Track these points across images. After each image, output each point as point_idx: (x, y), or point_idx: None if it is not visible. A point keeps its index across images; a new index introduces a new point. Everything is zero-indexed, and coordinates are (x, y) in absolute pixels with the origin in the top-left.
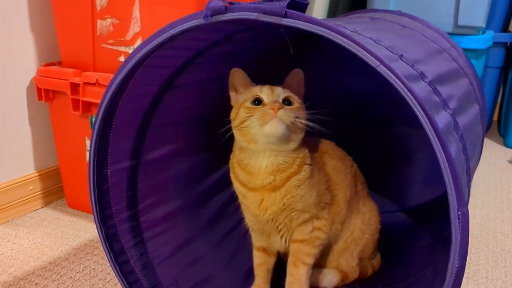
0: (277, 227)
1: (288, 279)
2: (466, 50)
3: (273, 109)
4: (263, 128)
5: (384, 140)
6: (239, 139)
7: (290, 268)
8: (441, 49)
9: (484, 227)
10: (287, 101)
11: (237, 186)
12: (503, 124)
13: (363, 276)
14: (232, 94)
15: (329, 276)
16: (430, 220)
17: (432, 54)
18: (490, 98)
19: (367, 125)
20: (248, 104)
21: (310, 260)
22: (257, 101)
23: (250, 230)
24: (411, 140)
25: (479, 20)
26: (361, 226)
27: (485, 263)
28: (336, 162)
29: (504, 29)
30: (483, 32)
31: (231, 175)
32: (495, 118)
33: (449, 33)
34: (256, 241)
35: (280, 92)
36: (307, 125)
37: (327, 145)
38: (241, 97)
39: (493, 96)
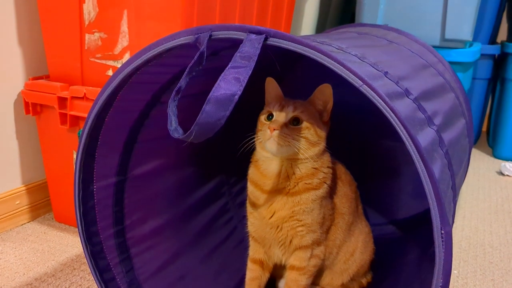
0: (280, 237)
1: None
2: (453, 63)
3: (269, 129)
4: (265, 144)
5: (372, 153)
6: (257, 144)
7: None
8: (428, 63)
9: (472, 239)
10: (296, 121)
11: (251, 189)
12: (491, 134)
13: None
14: (266, 102)
15: None
16: (418, 233)
17: (418, 69)
18: (478, 109)
19: (354, 137)
20: (263, 118)
21: None
22: (271, 116)
23: (250, 239)
24: (399, 152)
25: (466, 33)
26: (361, 247)
27: (473, 276)
28: (346, 189)
29: (492, 41)
30: (471, 45)
31: (248, 176)
32: (484, 128)
33: (436, 47)
34: (254, 252)
35: (289, 112)
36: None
37: (340, 170)
38: (266, 108)
39: (482, 107)
